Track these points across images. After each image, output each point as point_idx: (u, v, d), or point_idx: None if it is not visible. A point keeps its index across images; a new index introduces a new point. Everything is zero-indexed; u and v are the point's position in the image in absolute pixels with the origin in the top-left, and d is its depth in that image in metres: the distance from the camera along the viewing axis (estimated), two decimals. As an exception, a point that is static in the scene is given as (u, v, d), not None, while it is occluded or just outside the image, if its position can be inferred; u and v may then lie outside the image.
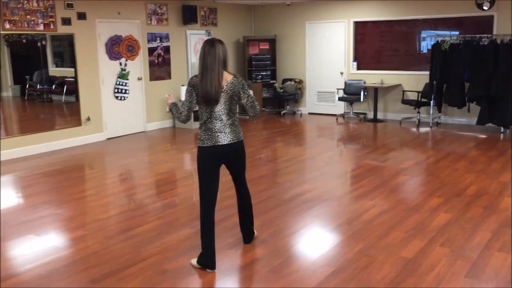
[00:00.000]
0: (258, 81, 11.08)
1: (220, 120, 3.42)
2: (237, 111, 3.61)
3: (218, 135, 3.42)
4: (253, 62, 11.10)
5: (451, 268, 3.43)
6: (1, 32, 7.00)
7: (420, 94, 9.34)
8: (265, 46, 11.39)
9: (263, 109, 11.30)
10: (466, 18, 9.17)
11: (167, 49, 9.55)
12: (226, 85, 3.38)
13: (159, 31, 9.35)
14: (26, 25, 7.21)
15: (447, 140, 8.01)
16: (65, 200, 5.24)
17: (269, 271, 3.46)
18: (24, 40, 7.44)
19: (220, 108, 3.40)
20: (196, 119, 10.11)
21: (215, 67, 3.32)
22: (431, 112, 9.19)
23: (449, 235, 4.02)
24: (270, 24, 11.39)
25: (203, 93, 3.33)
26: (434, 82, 8.91)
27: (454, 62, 8.63)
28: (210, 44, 3.37)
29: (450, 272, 3.38)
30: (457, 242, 3.88)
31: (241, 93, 3.43)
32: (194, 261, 3.57)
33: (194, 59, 10.18)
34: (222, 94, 3.37)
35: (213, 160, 3.48)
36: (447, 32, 9.44)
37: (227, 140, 3.45)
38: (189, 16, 9.71)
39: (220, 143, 3.43)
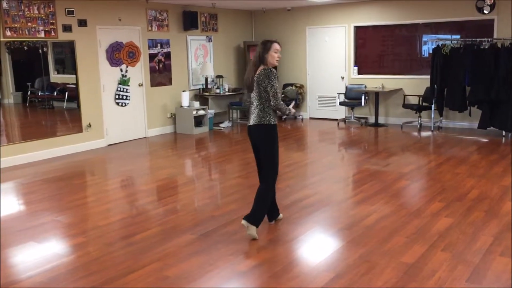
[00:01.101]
0: (259, 86, 11.06)
1: (252, 104, 4.09)
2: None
3: (250, 117, 4.13)
4: (254, 68, 11.09)
5: (452, 273, 3.42)
6: (2, 39, 7.03)
7: (421, 98, 9.34)
8: (265, 51, 11.38)
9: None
10: (466, 22, 9.18)
11: (167, 55, 9.58)
12: (256, 76, 4.02)
13: (159, 37, 9.37)
14: (27, 32, 7.24)
15: (448, 144, 8.00)
16: (66, 206, 5.24)
17: (270, 277, 3.45)
18: (25, 47, 7.47)
19: (253, 94, 4.07)
20: (197, 124, 10.08)
21: (252, 61, 4.14)
22: (432, 116, 9.18)
23: (450, 240, 4.00)
24: (270, 29, 11.41)
25: (248, 80, 4.13)
26: (435, 86, 8.91)
27: (454, 66, 8.63)
28: (259, 44, 4.13)
29: (451, 277, 3.36)
30: (459, 246, 3.87)
31: (266, 82, 3.97)
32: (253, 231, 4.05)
33: (195, 64, 10.20)
34: (253, 83, 4.04)
35: (249, 137, 4.21)
36: (448, 36, 9.45)
37: (252, 121, 4.09)
38: (189, 22, 9.74)
39: (249, 124, 4.13)
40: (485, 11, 8.76)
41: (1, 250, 4.07)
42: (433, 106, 9.09)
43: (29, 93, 8.14)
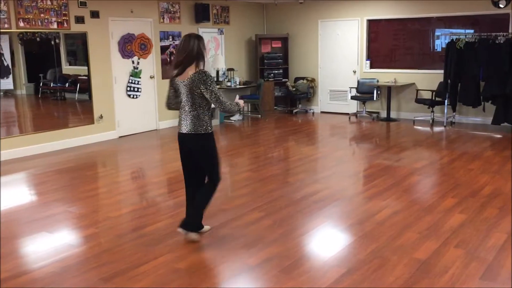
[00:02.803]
0: (270, 79, 11.05)
1: (183, 109, 3.71)
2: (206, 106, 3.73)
3: (181, 123, 3.75)
4: (265, 61, 11.07)
5: (465, 270, 3.38)
6: (16, 30, 7.05)
7: (434, 93, 9.24)
8: (277, 44, 11.35)
9: (275, 107, 11.27)
10: (481, 16, 9.04)
11: (179, 48, 9.54)
12: (187, 79, 3.59)
13: (171, 29, 9.36)
14: (40, 24, 7.26)
15: (461, 140, 7.92)
16: (78, 197, 5.27)
17: (280, 271, 3.43)
18: (38, 39, 7.49)
19: (184, 99, 3.68)
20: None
21: (180, 60, 3.62)
22: (445, 111, 9.08)
23: (463, 236, 3.96)
24: (282, 22, 11.34)
25: (174, 81, 3.71)
26: (449, 81, 8.81)
27: (469, 61, 8.52)
28: (185, 38, 3.64)
29: (464, 274, 3.33)
30: (472, 243, 3.83)
31: (202, 88, 3.58)
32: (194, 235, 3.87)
33: (207, 57, 10.16)
34: (184, 87, 3.62)
35: (180, 144, 3.82)
36: (462, 31, 9.32)
37: (185, 129, 3.71)
38: (201, 15, 9.71)
39: (181, 131, 3.76)
40: (501, 5, 8.61)
41: (1, 243, 4.11)
42: (446, 101, 8.99)
43: (41, 85, 8.18)
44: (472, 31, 9.14)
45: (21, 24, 7.03)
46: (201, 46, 3.62)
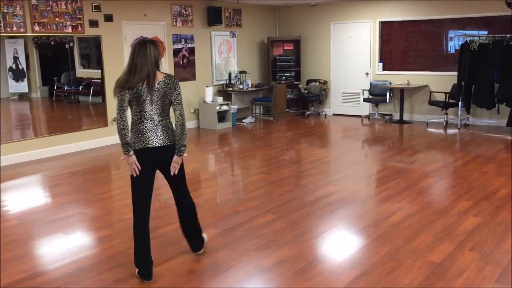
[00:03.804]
0: (282, 82, 11.06)
1: (151, 120, 3.26)
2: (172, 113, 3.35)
3: (149, 137, 3.26)
4: (278, 63, 11.08)
5: (480, 273, 3.35)
6: (31, 34, 7.14)
7: (448, 95, 9.18)
8: (289, 47, 11.36)
9: (287, 110, 11.27)
10: (495, 17, 8.97)
11: (191, 51, 9.61)
12: (158, 83, 3.24)
13: (184, 32, 9.41)
14: (55, 28, 7.35)
15: (475, 142, 7.85)
16: (92, 199, 5.32)
17: (294, 273, 3.43)
18: (52, 42, 7.58)
19: (152, 108, 3.25)
20: (220, 119, 10.12)
21: (145, 67, 3.18)
22: (459, 113, 9.01)
23: (478, 239, 3.92)
24: (294, 24, 11.35)
25: (135, 90, 3.20)
26: (463, 83, 8.74)
27: (483, 63, 8.46)
28: (141, 45, 3.25)
29: (479, 277, 3.30)
30: (487, 246, 3.79)
31: (174, 92, 3.28)
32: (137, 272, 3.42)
33: (219, 60, 10.22)
34: (154, 93, 3.22)
35: (145, 164, 3.29)
36: (475, 32, 9.25)
37: (159, 142, 3.28)
38: (214, 17, 9.75)
39: (151, 145, 3.27)
40: (516, 6, 8.53)
41: (29, 241, 4.15)
42: (460, 103, 8.92)
43: (55, 88, 8.28)
44: (486, 32, 9.06)
45: (37, 28, 7.11)
46: (157, 51, 3.31)
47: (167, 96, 3.28)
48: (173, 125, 3.37)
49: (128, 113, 3.31)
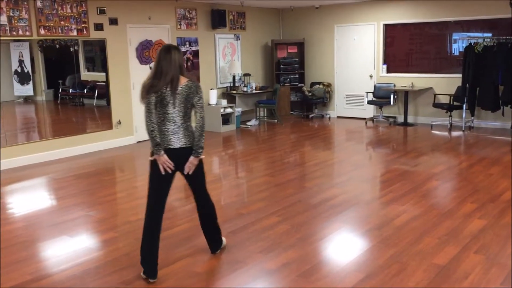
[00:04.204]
0: (286, 84, 11.07)
1: (173, 122, 3.39)
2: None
3: (170, 138, 3.38)
4: (281, 66, 11.10)
5: (486, 276, 3.35)
6: (37, 37, 7.18)
7: (452, 97, 9.16)
8: (293, 49, 11.37)
9: (291, 112, 11.28)
10: (499, 19, 8.95)
11: (196, 54, 9.64)
12: (181, 87, 3.37)
13: (188, 35, 9.44)
14: (60, 31, 7.39)
15: (480, 145, 7.83)
16: (97, 202, 5.33)
17: (299, 276, 3.43)
18: (57, 46, 7.62)
19: (174, 110, 3.37)
20: (224, 122, 10.13)
21: (169, 71, 3.32)
22: (464, 115, 9.00)
23: (483, 242, 3.92)
24: (298, 27, 11.37)
25: (159, 93, 3.32)
26: (467, 85, 8.73)
27: (487, 65, 8.44)
28: (166, 51, 3.38)
29: (485, 280, 3.29)
30: (492, 249, 3.78)
31: (197, 96, 3.41)
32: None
33: (223, 62, 10.24)
34: (177, 96, 3.35)
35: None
36: (480, 34, 9.24)
37: (180, 143, 3.39)
38: (218, 21, 9.77)
39: (173, 146, 3.38)
40: (520, 8, 8.52)
41: (35, 243, 4.17)
42: (464, 105, 8.91)
43: (60, 91, 8.31)
44: (490, 34, 9.05)
45: (42, 31, 7.16)
46: (181, 57, 3.47)
47: (189, 100, 3.40)
48: (194, 128, 3.48)
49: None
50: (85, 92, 8.51)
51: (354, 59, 10.72)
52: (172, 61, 3.34)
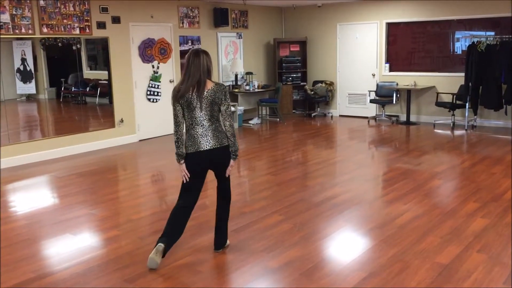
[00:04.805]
0: (288, 83, 11.06)
1: (201, 125, 3.52)
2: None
3: (200, 141, 3.53)
4: (284, 64, 11.09)
5: (489, 275, 3.34)
6: (40, 36, 7.19)
7: (455, 96, 9.15)
8: (295, 48, 11.36)
9: (293, 111, 11.27)
10: (502, 18, 8.93)
11: (198, 52, 9.61)
12: (207, 91, 3.48)
13: (190, 34, 9.44)
14: (62, 29, 7.39)
15: (483, 144, 7.82)
16: (100, 200, 5.34)
17: (301, 275, 3.44)
18: (59, 44, 7.62)
19: (201, 114, 3.50)
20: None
21: (197, 75, 3.45)
22: (467, 114, 8.98)
23: (486, 241, 3.91)
24: (300, 26, 11.36)
25: (185, 99, 3.47)
26: (470, 84, 8.71)
27: (490, 64, 8.42)
28: (195, 54, 3.50)
29: (487, 279, 3.29)
30: (495, 248, 3.78)
31: (223, 100, 3.54)
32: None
33: (225, 61, 10.24)
34: (203, 100, 3.47)
35: (197, 165, 3.59)
36: (482, 33, 9.22)
37: (209, 145, 3.53)
38: (220, 19, 9.77)
39: (203, 149, 3.53)
40: (523, 7, 8.50)
41: (38, 241, 4.18)
42: (467, 104, 8.89)
43: (62, 89, 8.31)
44: (493, 33, 9.03)
45: (45, 30, 7.16)
46: (210, 61, 3.60)
47: (215, 103, 3.51)
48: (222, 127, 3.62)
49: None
50: (88, 90, 8.52)
51: (356, 58, 10.70)
52: (201, 65, 3.47)
